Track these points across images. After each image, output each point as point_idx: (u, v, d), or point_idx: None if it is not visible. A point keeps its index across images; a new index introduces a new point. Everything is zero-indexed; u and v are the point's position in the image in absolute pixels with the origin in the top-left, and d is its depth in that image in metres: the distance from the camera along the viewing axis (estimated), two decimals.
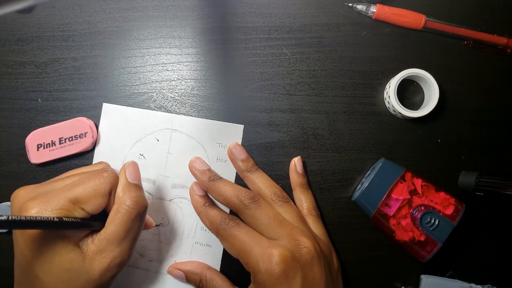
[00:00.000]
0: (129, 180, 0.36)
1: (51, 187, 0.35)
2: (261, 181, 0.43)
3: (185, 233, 0.44)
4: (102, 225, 0.35)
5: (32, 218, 0.28)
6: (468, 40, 0.46)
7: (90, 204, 0.33)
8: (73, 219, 0.32)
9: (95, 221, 0.35)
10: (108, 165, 0.41)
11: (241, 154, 0.44)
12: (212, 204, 0.43)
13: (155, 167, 0.45)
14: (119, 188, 0.36)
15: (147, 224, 0.42)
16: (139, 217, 0.36)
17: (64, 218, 0.31)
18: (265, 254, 0.36)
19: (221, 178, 0.43)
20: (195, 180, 0.44)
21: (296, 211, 0.42)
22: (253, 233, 0.39)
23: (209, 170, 0.43)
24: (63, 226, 0.31)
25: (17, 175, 0.45)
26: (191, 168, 0.44)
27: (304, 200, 0.43)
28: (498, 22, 0.46)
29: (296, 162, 0.44)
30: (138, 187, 0.37)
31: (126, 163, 0.38)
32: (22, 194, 0.34)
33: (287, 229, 0.38)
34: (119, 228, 0.34)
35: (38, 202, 0.32)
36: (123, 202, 0.35)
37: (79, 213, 0.33)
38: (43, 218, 0.29)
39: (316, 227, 0.42)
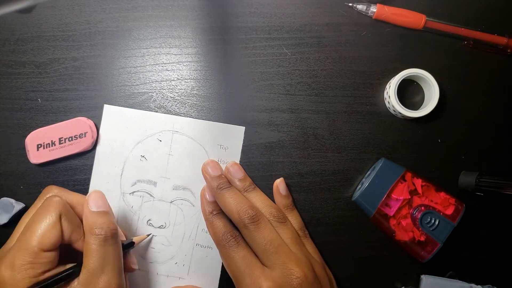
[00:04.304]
0: (92, 210, 0.36)
1: (9, 245, 0.35)
2: (258, 200, 0.42)
3: (186, 235, 0.44)
4: (80, 268, 0.35)
5: None
6: (468, 40, 0.46)
7: (47, 243, 0.33)
8: (51, 278, 0.33)
9: (72, 262, 0.35)
10: (54, 189, 0.40)
11: (238, 173, 0.43)
12: (220, 212, 0.42)
13: (156, 168, 0.45)
14: (84, 221, 0.36)
15: (127, 266, 0.41)
16: (110, 241, 0.35)
17: (41, 282, 0.32)
18: (255, 285, 0.37)
19: (230, 187, 0.42)
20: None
21: (292, 232, 0.41)
22: (249, 259, 0.39)
23: (220, 176, 0.43)
24: None
25: (17, 175, 0.44)
26: (203, 171, 0.43)
27: (291, 220, 0.43)
28: (498, 22, 0.46)
29: (278, 184, 0.44)
30: (102, 212, 0.37)
31: (89, 193, 0.38)
32: None
33: (281, 257, 0.38)
34: (94, 258, 0.34)
35: (2, 263, 0.32)
36: (90, 231, 0.35)
37: (44, 257, 0.33)
38: None
39: (307, 247, 0.42)
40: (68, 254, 0.36)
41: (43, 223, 0.34)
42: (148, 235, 0.44)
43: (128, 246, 0.40)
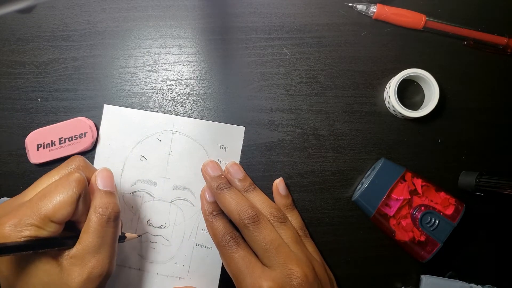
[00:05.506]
0: (100, 188, 0.36)
1: (22, 199, 0.35)
2: (258, 201, 0.42)
3: (185, 235, 0.44)
4: (75, 241, 0.35)
5: (1, 245, 0.30)
6: (468, 40, 0.46)
7: (59, 217, 0.33)
8: (44, 240, 0.32)
9: (70, 232, 0.35)
10: (80, 162, 0.38)
11: (238, 173, 0.43)
12: (220, 213, 0.42)
13: (156, 168, 0.45)
14: (91, 196, 0.36)
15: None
16: (111, 223, 0.35)
17: (33, 240, 0.32)
18: (255, 285, 0.37)
19: (230, 187, 0.42)
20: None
21: (293, 232, 0.41)
22: (249, 259, 0.39)
23: (220, 176, 0.43)
24: (33, 248, 0.32)
25: (17, 175, 0.44)
26: (203, 172, 0.43)
27: (291, 220, 0.43)
28: (498, 22, 0.46)
29: (277, 184, 0.44)
30: (109, 193, 0.36)
31: (99, 170, 0.37)
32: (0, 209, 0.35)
33: (282, 257, 0.38)
34: (93, 236, 0.34)
35: (10, 218, 0.32)
36: (93, 210, 0.35)
37: (50, 227, 0.33)
38: (13, 243, 0.30)
39: (307, 247, 0.42)
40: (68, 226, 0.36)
41: (62, 196, 0.33)
42: (139, 236, 0.44)
43: (119, 239, 0.40)
